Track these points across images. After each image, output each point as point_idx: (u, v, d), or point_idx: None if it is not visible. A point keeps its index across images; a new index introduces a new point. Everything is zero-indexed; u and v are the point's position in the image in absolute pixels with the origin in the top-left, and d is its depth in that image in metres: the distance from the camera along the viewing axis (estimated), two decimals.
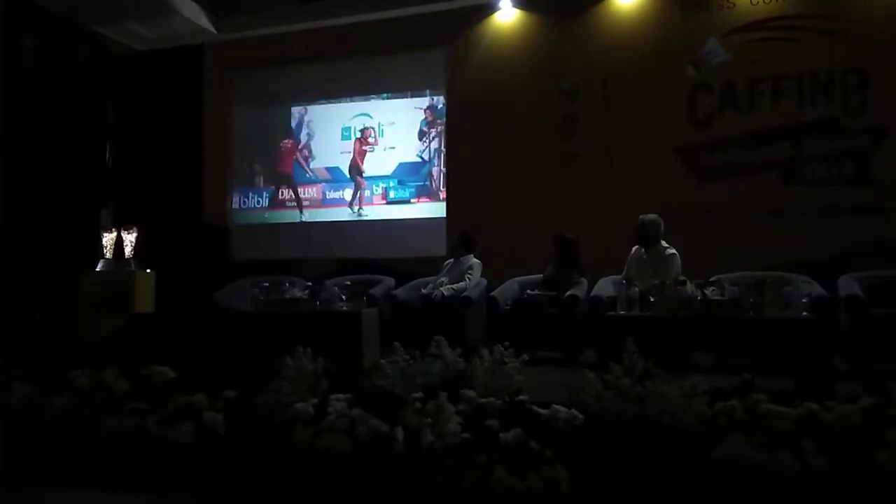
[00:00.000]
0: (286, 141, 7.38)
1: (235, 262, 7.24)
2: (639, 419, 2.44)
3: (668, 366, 2.63)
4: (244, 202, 7.55)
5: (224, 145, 7.52)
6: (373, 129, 7.11)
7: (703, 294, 4.00)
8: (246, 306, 4.88)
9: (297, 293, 4.82)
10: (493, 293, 5.24)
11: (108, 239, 5.98)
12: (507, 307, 5.09)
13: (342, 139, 7.19)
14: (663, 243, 4.78)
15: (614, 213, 5.72)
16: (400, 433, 2.51)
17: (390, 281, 5.77)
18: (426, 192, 6.90)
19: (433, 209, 6.81)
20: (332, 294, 4.71)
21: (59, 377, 3.31)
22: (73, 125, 7.15)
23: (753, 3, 5.81)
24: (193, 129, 7.46)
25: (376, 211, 7.05)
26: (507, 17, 6.54)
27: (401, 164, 6.98)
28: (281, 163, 7.41)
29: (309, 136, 7.34)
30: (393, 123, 7.06)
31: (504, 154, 6.35)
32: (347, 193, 7.15)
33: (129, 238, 5.93)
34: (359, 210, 7.11)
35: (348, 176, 7.15)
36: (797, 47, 5.65)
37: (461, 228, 5.87)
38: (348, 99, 7.20)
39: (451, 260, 5.69)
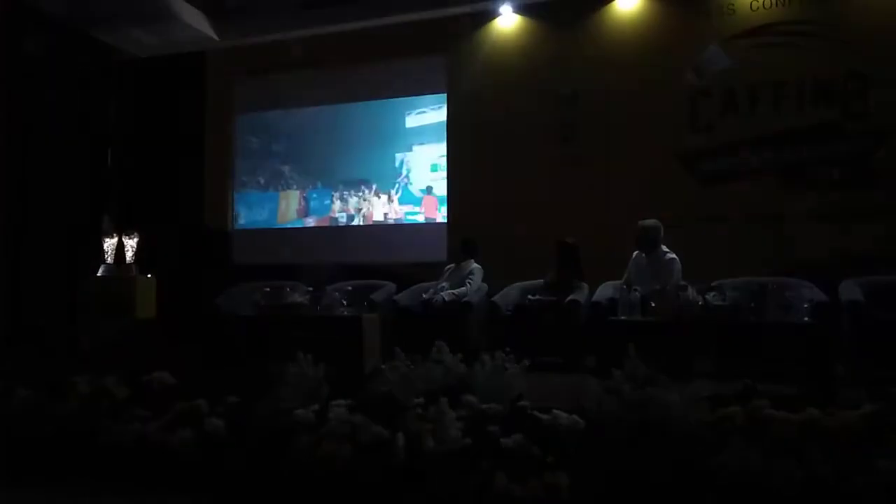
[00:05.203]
0: None
1: (236, 266, 7.24)
2: (640, 425, 2.43)
3: (670, 371, 2.62)
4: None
5: (226, 151, 7.53)
6: None
7: (705, 299, 3.99)
8: (247, 311, 4.89)
9: (298, 298, 4.82)
10: (494, 298, 5.24)
11: (110, 244, 5.98)
12: (508, 312, 5.09)
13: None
14: (664, 248, 4.78)
15: (615, 218, 5.71)
16: (401, 439, 2.50)
17: (391, 286, 5.77)
18: None
19: None
20: (332, 299, 4.71)
21: (60, 382, 3.31)
22: (75, 130, 7.16)
23: (754, 8, 5.82)
24: (195, 135, 7.48)
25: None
26: (507, 22, 6.55)
27: None
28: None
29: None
30: None
31: (505, 159, 6.36)
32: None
33: (131, 243, 5.93)
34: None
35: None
36: (798, 52, 5.65)
37: (462, 233, 5.87)
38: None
39: (452, 265, 5.69)
